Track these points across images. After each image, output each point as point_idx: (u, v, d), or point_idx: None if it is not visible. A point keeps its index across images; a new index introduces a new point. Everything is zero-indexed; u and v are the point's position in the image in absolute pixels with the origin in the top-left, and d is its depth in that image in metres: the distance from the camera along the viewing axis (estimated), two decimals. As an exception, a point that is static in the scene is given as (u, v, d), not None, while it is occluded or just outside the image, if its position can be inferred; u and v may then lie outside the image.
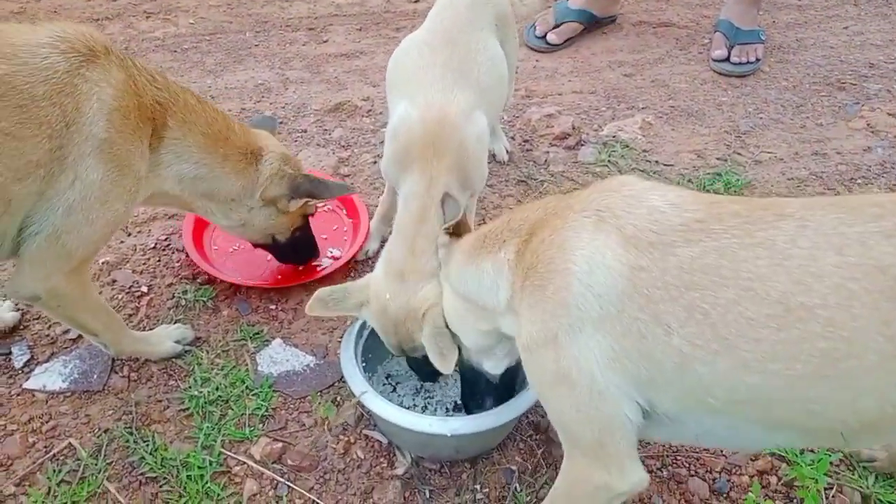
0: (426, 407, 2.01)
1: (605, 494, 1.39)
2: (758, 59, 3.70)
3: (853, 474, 1.89)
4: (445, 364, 1.65)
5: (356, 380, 1.80)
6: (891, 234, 1.14)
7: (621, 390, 1.29)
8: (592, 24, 3.92)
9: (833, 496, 1.85)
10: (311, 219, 2.27)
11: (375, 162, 2.88)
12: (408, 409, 1.88)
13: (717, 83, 3.61)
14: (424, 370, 1.88)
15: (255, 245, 2.25)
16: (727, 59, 3.68)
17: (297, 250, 2.27)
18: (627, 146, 3.04)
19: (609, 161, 2.95)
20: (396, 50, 2.26)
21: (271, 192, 2.01)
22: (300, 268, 2.36)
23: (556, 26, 3.79)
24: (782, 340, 1.16)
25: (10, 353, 2.07)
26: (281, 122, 3.05)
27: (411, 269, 1.80)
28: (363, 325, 1.98)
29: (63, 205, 1.62)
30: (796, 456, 1.90)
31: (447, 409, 2.00)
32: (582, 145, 3.04)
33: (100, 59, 1.62)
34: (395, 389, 2.04)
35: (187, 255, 2.36)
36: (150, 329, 2.13)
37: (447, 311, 1.70)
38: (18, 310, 2.16)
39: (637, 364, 1.26)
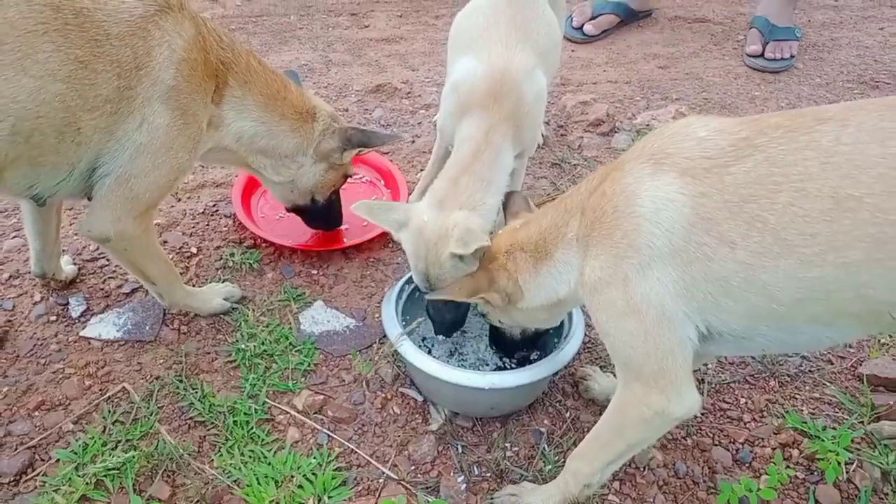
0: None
1: (661, 420, 1.49)
2: (792, 56, 3.74)
3: (874, 451, 1.94)
4: (465, 248, 1.76)
5: (395, 327, 1.90)
6: None
7: (687, 316, 1.39)
8: (629, 17, 4.00)
9: (853, 471, 1.89)
10: (349, 191, 2.41)
11: (413, 141, 2.97)
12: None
13: (750, 78, 3.66)
14: (442, 317, 1.98)
15: (291, 209, 2.33)
16: (761, 55, 3.74)
17: (328, 214, 2.36)
18: (661, 134, 3.10)
19: (642, 148, 3.01)
20: (459, 14, 2.40)
21: (325, 145, 2.12)
22: (342, 234, 2.47)
23: (593, 18, 3.87)
24: (836, 231, 1.25)
25: (68, 303, 2.19)
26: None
27: (452, 200, 1.93)
28: (402, 288, 2.07)
29: (131, 147, 1.72)
30: (819, 431, 1.96)
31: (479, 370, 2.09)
32: (615, 132, 3.11)
33: (173, 12, 1.71)
34: (430, 352, 2.12)
35: (235, 221, 2.47)
36: (200, 287, 2.23)
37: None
38: (75, 264, 2.28)
39: (704, 290, 1.36)
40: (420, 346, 2.12)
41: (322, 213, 2.34)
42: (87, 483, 1.72)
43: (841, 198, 1.25)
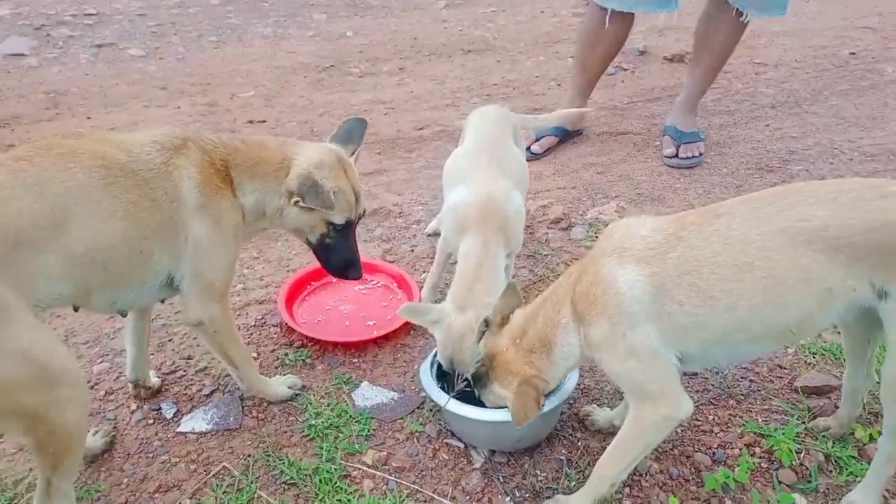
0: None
1: (669, 423, 2.04)
2: (701, 154, 4.58)
3: (816, 441, 2.51)
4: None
5: (439, 394, 2.42)
6: (782, 210, 1.91)
7: (667, 350, 1.98)
8: (565, 137, 4.82)
9: (803, 456, 2.45)
10: (371, 294, 2.90)
11: (412, 250, 3.59)
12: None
13: (671, 174, 4.46)
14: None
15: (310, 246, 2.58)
16: (676, 156, 4.56)
17: (330, 259, 2.58)
18: (607, 225, 3.80)
19: (595, 236, 3.70)
20: (449, 158, 3.11)
21: (287, 187, 2.35)
22: (372, 328, 3.02)
23: (537, 140, 4.67)
24: (742, 287, 1.90)
25: (160, 408, 2.63)
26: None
27: (469, 303, 2.51)
28: (433, 361, 2.61)
29: (187, 256, 2.21)
30: (772, 432, 2.52)
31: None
32: (572, 226, 3.81)
33: (182, 149, 2.18)
34: (463, 409, 2.64)
35: (282, 329, 3.00)
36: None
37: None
38: (159, 377, 2.74)
39: (672, 332, 1.96)
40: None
41: (324, 256, 2.57)
42: (213, 540, 2.13)
43: (740, 265, 1.90)
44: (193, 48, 6.42)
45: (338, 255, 2.56)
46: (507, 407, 2.26)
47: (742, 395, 2.74)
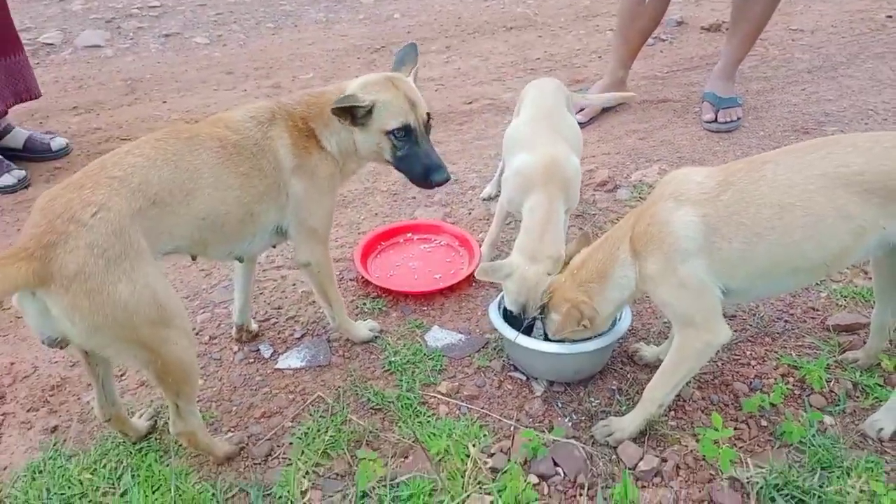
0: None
1: (710, 349, 2.31)
2: (739, 118, 4.80)
3: (845, 371, 2.78)
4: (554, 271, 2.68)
5: (509, 330, 2.76)
6: (823, 157, 2.15)
7: (714, 283, 2.24)
8: (607, 106, 5.08)
9: (833, 384, 2.73)
10: (435, 252, 3.27)
11: (470, 213, 3.92)
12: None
13: (710, 138, 4.69)
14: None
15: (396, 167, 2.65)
16: (715, 121, 4.78)
17: (412, 170, 2.61)
18: (651, 186, 4.08)
19: (640, 197, 3.98)
20: (509, 128, 3.43)
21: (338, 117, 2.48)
22: (438, 280, 3.36)
23: (581, 109, 4.94)
24: (784, 224, 2.13)
25: (259, 350, 3.02)
26: (395, 194, 4.13)
27: (540, 253, 2.82)
28: (499, 303, 2.94)
29: (291, 211, 2.53)
30: (805, 364, 2.81)
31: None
32: (617, 188, 4.09)
33: (271, 121, 2.41)
34: (523, 347, 2.97)
35: (358, 282, 3.36)
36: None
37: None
38: (257, 323, 3.14)
39: (719, 265, 2.21)
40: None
41: (405, 169, 2.63)
42: (315, 453, 2.51)
43: (783, 205, 2.14)
44: (253, 35, 6.83)
45: (415, 163, 2.59)
46: (567, 340, 2.60)
47: (777, 333, 3.01)
